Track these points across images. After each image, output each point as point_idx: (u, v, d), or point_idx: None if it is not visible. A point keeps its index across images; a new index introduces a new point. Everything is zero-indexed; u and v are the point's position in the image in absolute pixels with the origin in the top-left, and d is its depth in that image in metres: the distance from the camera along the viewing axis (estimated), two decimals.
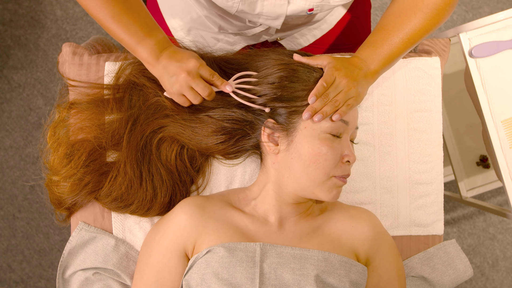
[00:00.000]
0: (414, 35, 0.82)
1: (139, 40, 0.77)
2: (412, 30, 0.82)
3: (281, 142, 0.80)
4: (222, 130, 0.83)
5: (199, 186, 0.90)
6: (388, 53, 0.82)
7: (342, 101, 0.77)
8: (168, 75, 0.77)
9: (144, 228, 0.90)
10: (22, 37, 1.69)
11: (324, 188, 0.79)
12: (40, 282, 1.68)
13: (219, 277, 0.74)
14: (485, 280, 1.81)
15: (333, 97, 0.77)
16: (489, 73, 1.01)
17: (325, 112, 0.77)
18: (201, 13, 0.98)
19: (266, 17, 0.85)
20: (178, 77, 0.77)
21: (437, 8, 0.81)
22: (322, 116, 0.77)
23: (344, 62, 0.80)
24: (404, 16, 0.82)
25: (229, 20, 0.94)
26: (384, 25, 0.83)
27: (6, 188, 1.67)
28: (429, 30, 0.83)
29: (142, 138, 0.85)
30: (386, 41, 0.82)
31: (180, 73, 0.76)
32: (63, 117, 0.89)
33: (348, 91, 0.78)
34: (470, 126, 1.43)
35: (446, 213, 1.79)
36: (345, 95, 0.77)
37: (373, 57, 0.82)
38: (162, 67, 0.77)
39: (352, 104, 0.79)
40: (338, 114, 0.77)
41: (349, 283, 0.76)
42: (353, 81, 0.78)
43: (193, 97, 0.79)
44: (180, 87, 0.78)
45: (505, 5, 1.84)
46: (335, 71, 0.78)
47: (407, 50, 0.84)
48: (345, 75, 0.78)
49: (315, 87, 0.78)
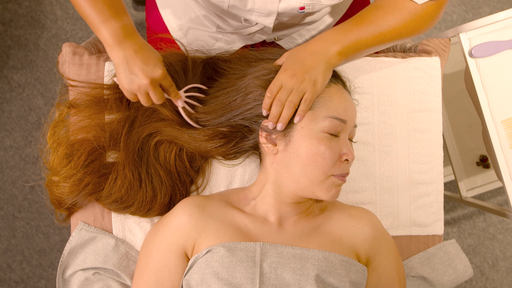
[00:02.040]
0: (386, 33, 0.81)
1: (104, 19, 0.74)
2: (386, 27, 0.80)
3: (279, 143, 0.80)
4: (220, 134, 0.83)
5: (199, 186, 0.90)
6: (354, 40, 0.80)
7: (296, 100, 0.77)
8: (129, 70, 0.75)
9: (144, 228, 0.90)
10: (22, 37, 1.69)
11: (323, 187, 0.79)
12: (40, 282, 1.68)
13: (219, 277, 0.74)
14: (485, 280, 1.81)
15: (285, 99, 0.77)
16: (489, 73, 1.01)
17: (284, 117, 0.77)
18: (199, 12, 0.98)
19: (258, 14, 0.85)
20: (139, 80, 0.75)
21: (416, 14, 0.80)
22: (283, 124, 0.78)
23: (298, 54, 0.79)
24: (382, 11, 0.81)
25: (226, 19, 0.94)
26: (360, 15, 0.82)
27: (6, 188, 1.67)
28: (403, 34, 0.81)
29: (139, 140, 0.85)
30: (357, 29, 0.80)
31: (143, 78, 0.75)
32: (63, 116, 0.89)
33: (299, 88, 0.77)
34: (470, 126, 1.43)
35: (446, 213, 1.79)
36: (298, 93, 0.77)
37: (338, 38, 0.80)
38: (123, 57, 0.75)
39: (310, 98, 0.78)
40: (298, 116, 0.78)
41: (349, 283, 0.76)
42: (304, 73, 0.77)
43: (145, 101, 0.79)
44: (137, 89, 0.77)
45: (505, 5, 1.84)
46: (281, 73, 0.78)
47: (375, 46, 0.82)
48: (292, 73, 0.77)
49: (263, 99, 0.79)
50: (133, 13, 1.74)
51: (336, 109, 0.79)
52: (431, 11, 0.80)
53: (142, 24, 1.74)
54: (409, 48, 1.06)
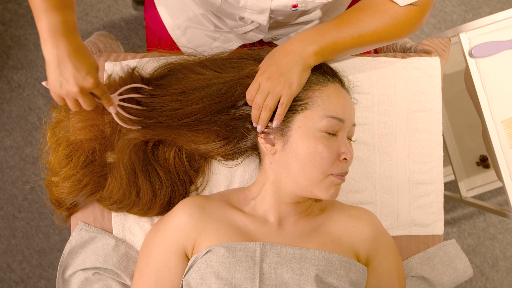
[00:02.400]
0: (366, 35, 0.80)
1: (48, 8, 0.69)
2: (366, 29, 0.79)
3: (277, 143, 0.80)
4: (219, 136, 0.83)
5: (199, 186, 0.90)
6: (332, 40, 0.79)
7: (272, 104, 0.77)
8: (59, 72, 0.71)
9: (144, 228, 0.90)
10: (22, 37, 1.69)
11: (322, 187, 0.79)
12: (40, 282, 1.68)
13: (219, 277, 0.74)
14: (485, 280, 1.81)
15: (262, 103, 0.78)
16: (489, 73, 1.01)
17: (262, 119, 0.79)
18: (197, 11, 0.98)
19: (251, 11, 0.85)
20: (69, 87, 0.71)
21: (397, 18, 0.79)
22: (262, 126, 0.79)
23: (274, 56, 0.80)
24: (363, 13, 0.80)
25: (222, 18, 0.94)
26: (341, 16, 0.81)
27: (6, 188, 1.67)
28: (383, 38, 0.81)
29: (132, 139, 0.85)
30: (336, 29, 0.79)
31: (73, 86, 0.71)
32: (62, 117, 0.88)
33: (274, 91, 0.77)
34: (470, 126, 1.43)
35: (446, 213, 1.79)
36: (273, 97, 0.77)
37: (314, 38, 0.79)
38: (55, 55, 0.70)
39: (286, 101, 0.78)
40: (276, 121, 0.79)
41: (349, 283, 0.76)
42: (279, 76, 0.77)
43: (73, 106, 0.75)
44: (66, 95, 0.73)
45: (505, 5, 1.84)
46: (259, 76, 0.79)
47: (354, 48, 0.81)
48: (268, 76, 0.78)
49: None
50: (133, 13, 1.74)
51: (334, 108, 0.79)
52: (413, 17, 0.80)
53: (142, 24, 1.74)
54: (409, 48, 1.06)
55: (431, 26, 1.83)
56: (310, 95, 0.80)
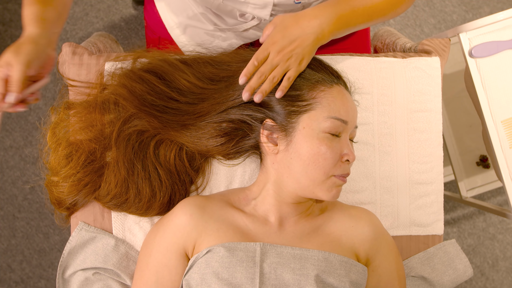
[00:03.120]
0: (373, 7, 0.81)
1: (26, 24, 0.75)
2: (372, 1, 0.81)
3: (280, 143, 0.80)
4: (221, 132, 0.83)
5: (199, 186, 0.90)
6: (349, 9, 0.80)
7: (279, 76, 0.76)
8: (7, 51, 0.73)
9: (144, 228, 0.90)
10: None
11: (324, 188, 0.79)
12: (40, 282, 1.68)
13: (219, 277, 0.74)
14: (485, 280, 1.81)
15: (268, 73, 0.76)
16: (489, 73, 1.01)
17: (264, 90, 0.77)
18: (196, 10, 0.98)
19: (254, 6, 0.85)
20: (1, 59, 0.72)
21: None
22: (261, 95, 0.77)
23: (288, 28, 0.77)
24: None
25: (222, 17, 0.94)
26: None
27: (6, 188, 1.67)
28: (386, 12, 0.83)
29: (135, 139, 0.85)
30: (349, 7, 0.80)
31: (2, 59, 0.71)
32: (62, 117, 0.88)
33: (284, 65, 0.76)
34: (470, 126, 1.43)
35: (446, 213, 1.79)
36: (282, 69, 0.76)
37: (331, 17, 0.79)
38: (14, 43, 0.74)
39: (293, 76, 0.77)
40: (280, 91, 0.77)
41: (349, 283, 0.76)
42: (291, 51, 0.76)
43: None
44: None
45: (505, 5, 1.84)
46: (270, 45, 0.76)
47: (362, 23, 0.83)
48: (279, 49, 0.76)
49: (246, 65, 0.77)
50: (133, 13, 1.74)
51: (338, 109, 0.79)
52: None
53: (142, 24, 1.74)
54: (409, 48, 1.06)
55: (431, 26, 1.83)
56: (315, 95, 0.79)
